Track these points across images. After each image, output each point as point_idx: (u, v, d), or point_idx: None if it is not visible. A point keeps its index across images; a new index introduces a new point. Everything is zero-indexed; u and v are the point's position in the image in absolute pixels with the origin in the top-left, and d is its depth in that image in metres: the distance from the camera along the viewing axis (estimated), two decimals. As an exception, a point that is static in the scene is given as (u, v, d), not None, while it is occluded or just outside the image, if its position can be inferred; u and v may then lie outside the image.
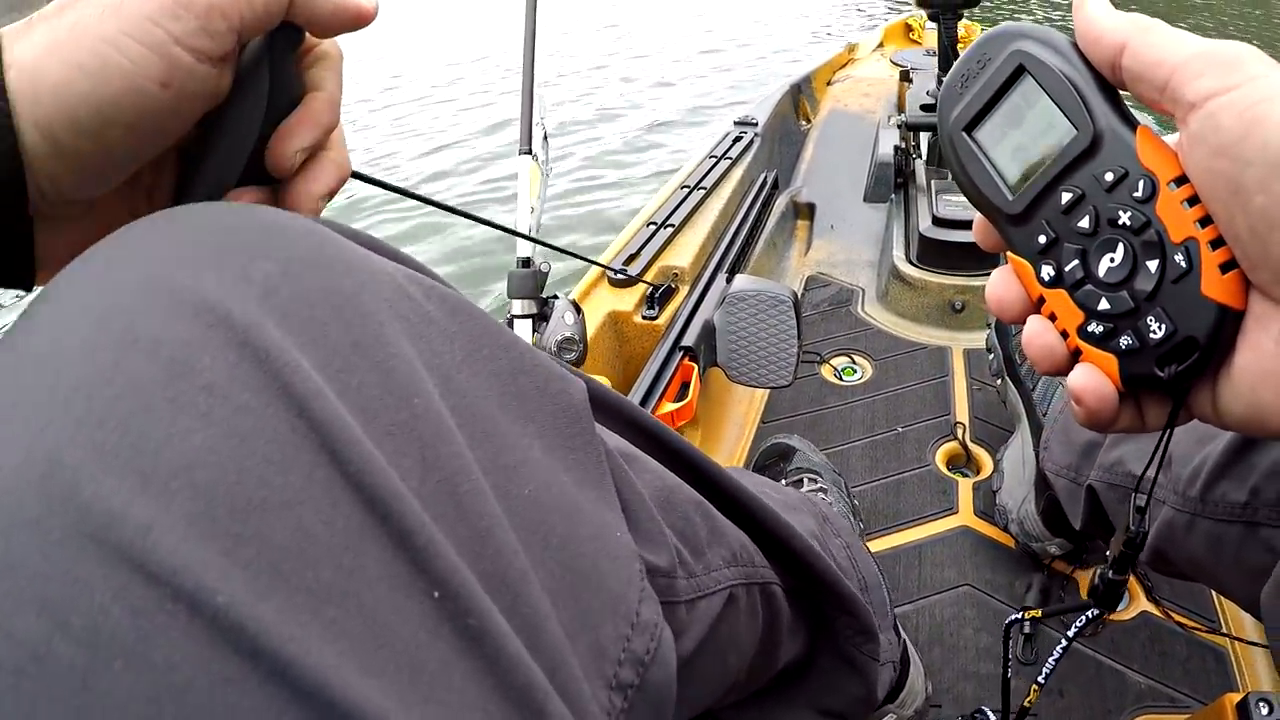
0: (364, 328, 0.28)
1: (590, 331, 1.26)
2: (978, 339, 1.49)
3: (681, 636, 0.42)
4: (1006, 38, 0.36)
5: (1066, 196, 0.35)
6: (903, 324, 1.57)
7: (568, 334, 1.11)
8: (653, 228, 1.54)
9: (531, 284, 1.12)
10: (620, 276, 1.39)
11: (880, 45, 3.29)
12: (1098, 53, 0.33)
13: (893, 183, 1.99)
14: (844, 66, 3.12)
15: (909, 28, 3.39)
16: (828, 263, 1.84)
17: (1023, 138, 0.36)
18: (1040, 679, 0.66)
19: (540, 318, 1.14)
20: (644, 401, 1.14)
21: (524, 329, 1.13)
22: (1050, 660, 0.65)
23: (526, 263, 1.12)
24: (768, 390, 1.40)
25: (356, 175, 0.42)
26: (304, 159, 0.35)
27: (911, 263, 1.62)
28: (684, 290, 1.40)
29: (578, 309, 1.14)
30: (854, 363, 1.47)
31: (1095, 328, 0.34)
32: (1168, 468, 0.66)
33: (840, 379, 1.43)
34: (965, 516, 1.12)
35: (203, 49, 0.30)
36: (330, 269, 0.28)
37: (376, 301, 0.29)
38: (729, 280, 1.35)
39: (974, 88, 0.37)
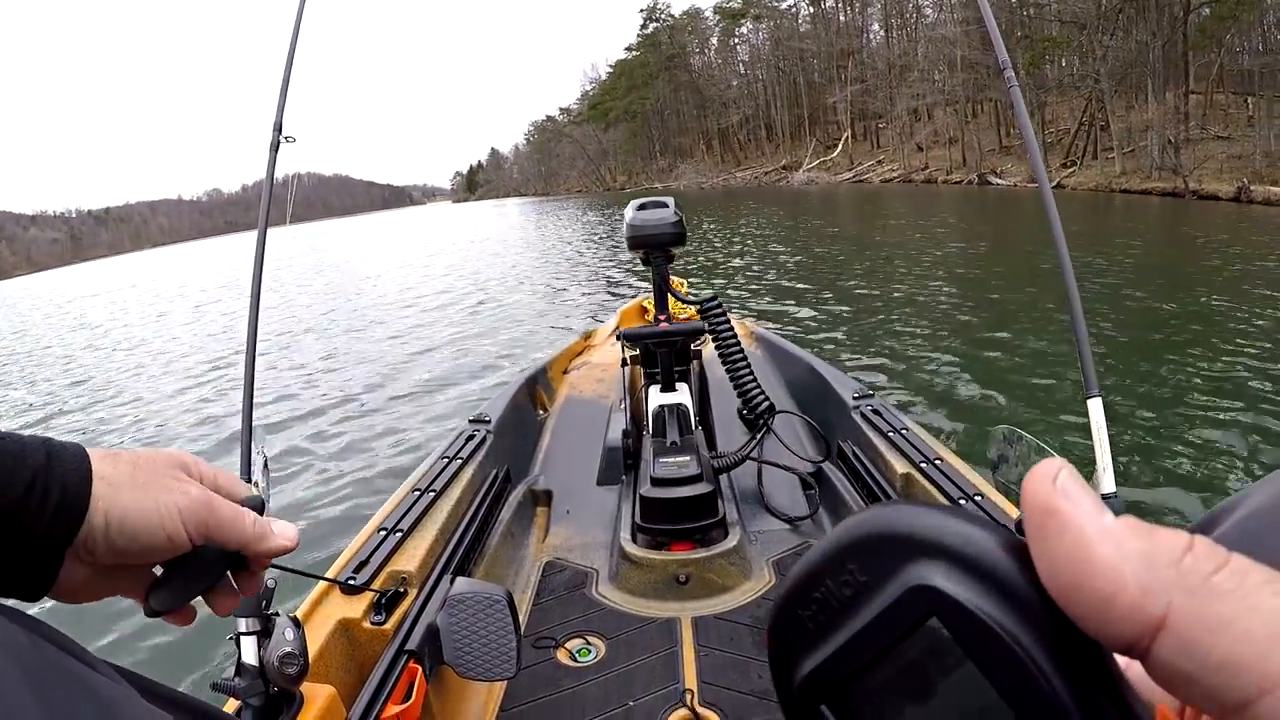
0: None
1: (321, 639, 1.26)
2: (704, 607, 1.61)
3: None
4: (897, 548, 0.23)
5: None
6: (633, 600, 1.66)
7: (288, 649, 1.12)
8: (383, 534, 1.59)
9: (255, 602, 1.13)
10: (350, 584, 1.42)
11: (616, 328, 3.37)
12: (1096, 615, 0.20)
13: (623, 464, 2.15)
14: (580, 354, 3.34)
15: (644, 309, 3.58)
16: (564, 548, 1.93)
17: None
18: None
19: (264, 634, 1.14)
20: (370, 705, 1.14)
21: (249, 646, 1.12)
22: None
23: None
24: (505, 681, 1.43)
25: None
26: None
27: (636, 542, 1.74)
28: (412, 593, 1.44)
29: (298, 624, 1.15)
30: (588, 643, 1.53)
31: None
32: None
33: (575, 660, 1.48)
34: (695, 782, 1.17)
35: (192, 537, 0.53)
36: None
37: None
38: (452, 582, 1.41)
39: (841, 628, 0.24)
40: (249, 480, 1.28)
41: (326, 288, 15.55)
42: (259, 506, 0.61)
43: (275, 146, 1.62)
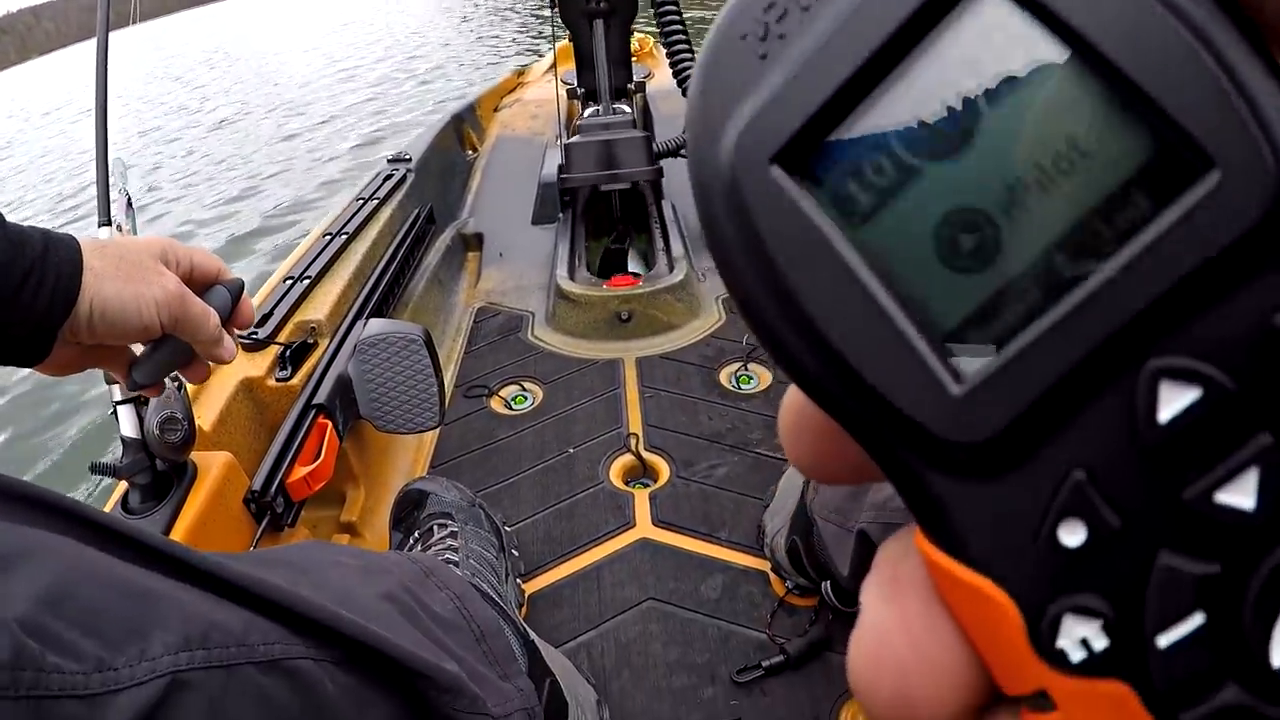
0: None
1: (222, 404, 1.10)
2: (649, 346, 1.48)
3: None
4: None
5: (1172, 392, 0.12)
6: (572, 342, 1.52)
7: (168, 412, 0.96)
8: (289, 283, 1.40)
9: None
10: (249, 340, 1.24)
11: (553, 67, 3.10)
12: None
13: (559, 201, 1.97)
14: (512, 91, 3.06)
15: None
16: (498, 291, 1.77)
17: (980, 186, 0.13)
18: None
19: (142, 401, 0.98)
20: (274, 469, 1.00)
21: (126, 416, 0.96)
22: None
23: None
24: (435, 434, 1.31)
25: None
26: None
27: (574, 280, 1.59)
28: (323, 344, 1.27)
29: (179, 384, 0.98)
30: (524, 390, 1.40)
31: None
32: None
33: (510, 408, 1.36)
34: (644, 529, 1.07)
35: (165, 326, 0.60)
36: None
37: None
38: (365, 326, 1.24)
39: (818, 23, 0.13)
40: (109, 224, 1.07)
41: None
42: (238, 289, 0.69)
43: None
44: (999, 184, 0.13)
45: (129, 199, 1.12)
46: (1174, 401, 0.12)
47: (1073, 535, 0.13)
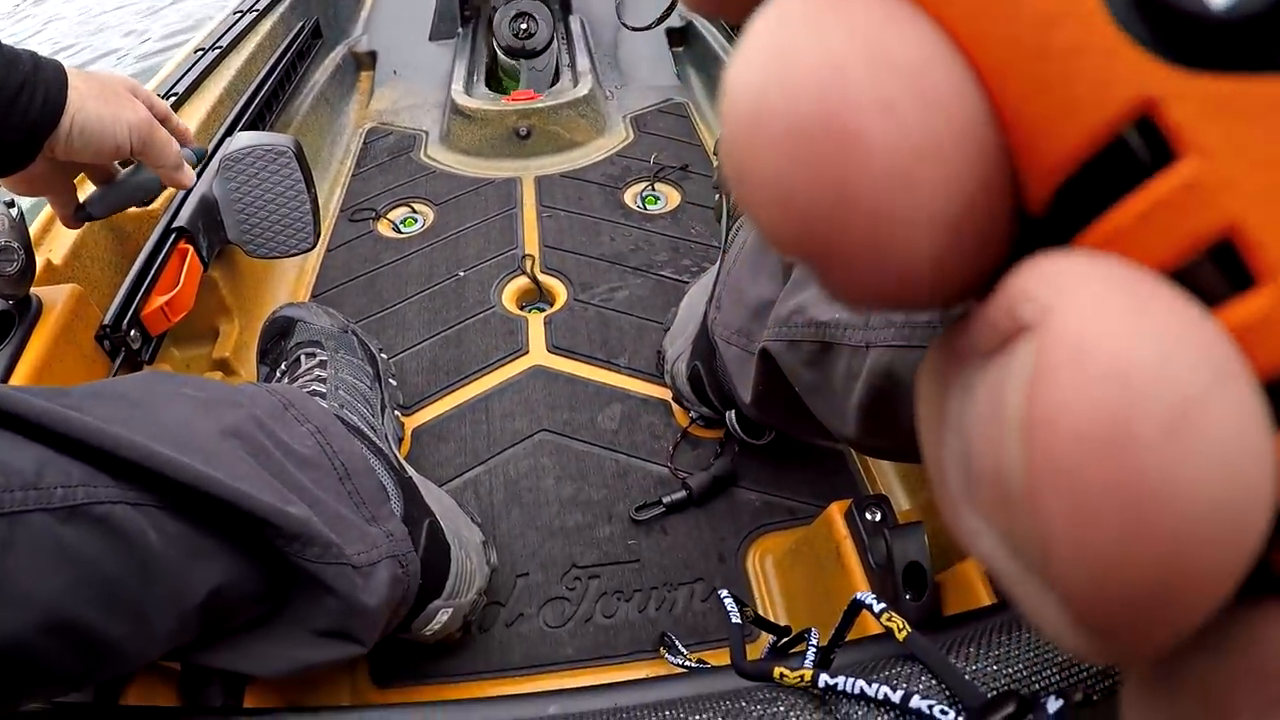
0: None
1: (75, 236, 0.98)
2: (550, 164, 1.38)
3: None
4: None
5: None
6: (467, 160, 1.41)
7: (3, 241, 0.85)
8: None
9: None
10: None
11: None
12: None
13: (459, 15, 1.81)
14: None
15: None
16: (390, 111, 1.64)
17: None
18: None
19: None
20: (128, 299, 0.91)
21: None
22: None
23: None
24: (315, 259, 1.21)
25: None
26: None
27: (471, 94, 1.47)
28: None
29: (12, 206, 0.87)
30: (414, 212, 1.30)
31: None
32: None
33: (399, 231, 1.26)
34: (537, 355, 1.01)
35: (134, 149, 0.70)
36: None
37: None
38: (232, 141, 1.12)
39: None
40: None
41: None
42: (199, 155, 0.82)
43: None
44: None
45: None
46: None
47: None
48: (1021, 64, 0.08)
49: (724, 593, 0.55)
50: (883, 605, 0.43)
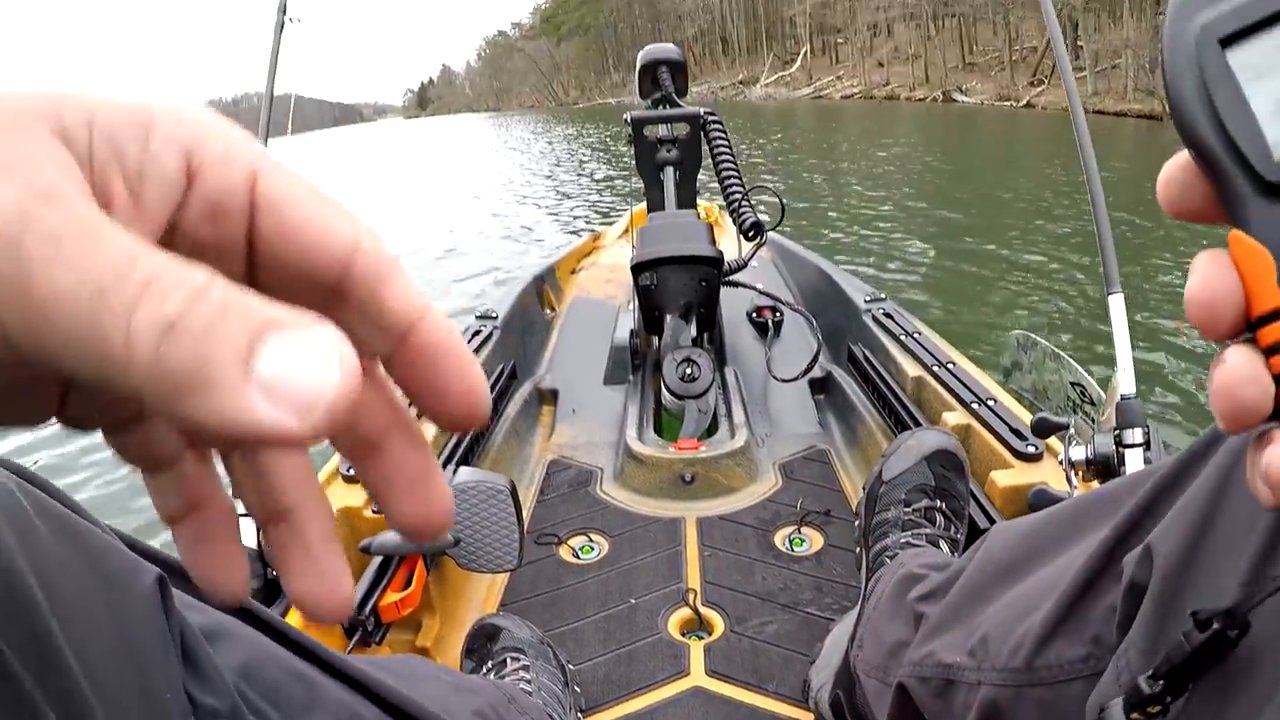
0: None
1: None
2: (709, 507, 1.58)
3: None
4: None
5: None
6: (638, 499, 1.63)
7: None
8: None
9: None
10: (349, 474, 1.38)
11: (626, 231, 3.19)
12: None
13: (630, 364, 2.11)
14: (589, 255, 3.25)
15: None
16: (569, 446, 1.89)
17: None
18: None
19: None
20: (369, 592, 1.12)
21: (246, 526, 1.10)
22: None
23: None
24: (507, 574, 1.41)
25: None
26: None
27: (642, 441, 1.71)
28: None
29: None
30: (591, 541, 1.51)
31: None
32: (984, 648, 0.66)
33: (578, 557, 1.46)
34: (697, 677, 1.15)
35: None
36: None
37: None
38: (455, 474, 1.37)
39: None
40: None
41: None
42: None
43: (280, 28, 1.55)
44: None
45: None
46: None
47: None
48: (1252, 283, 0.25)
49: None
50: None
